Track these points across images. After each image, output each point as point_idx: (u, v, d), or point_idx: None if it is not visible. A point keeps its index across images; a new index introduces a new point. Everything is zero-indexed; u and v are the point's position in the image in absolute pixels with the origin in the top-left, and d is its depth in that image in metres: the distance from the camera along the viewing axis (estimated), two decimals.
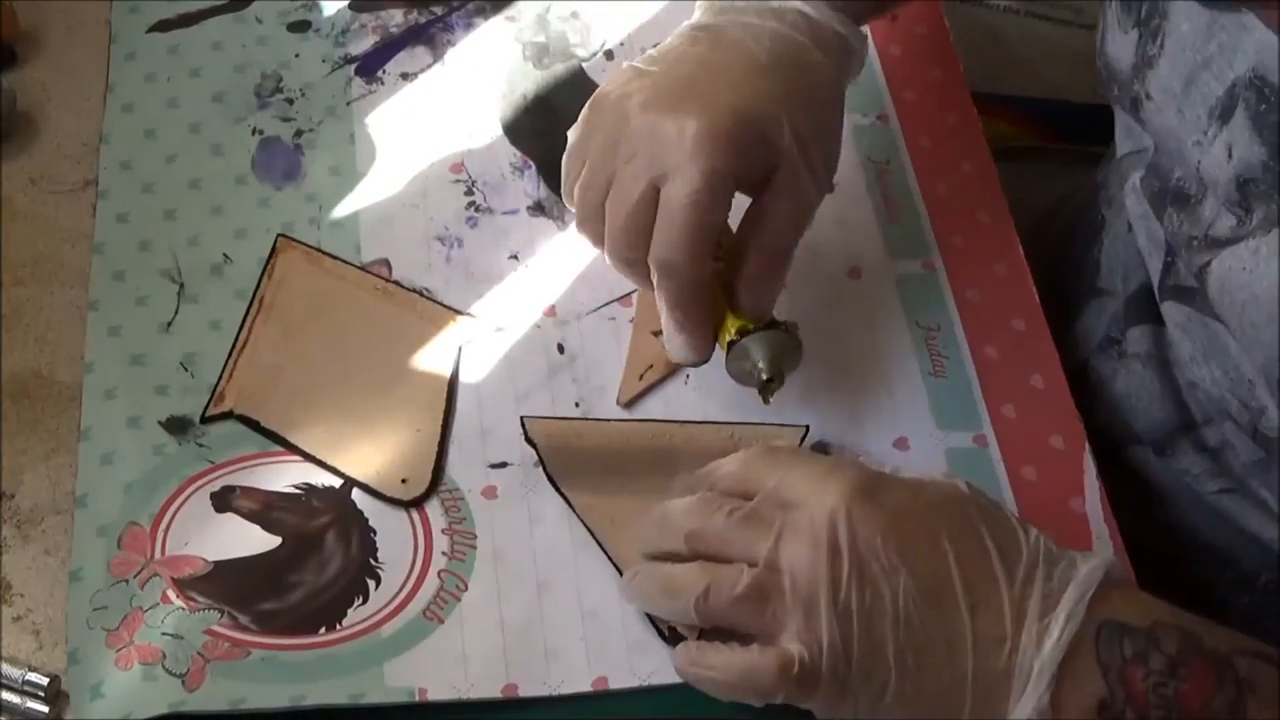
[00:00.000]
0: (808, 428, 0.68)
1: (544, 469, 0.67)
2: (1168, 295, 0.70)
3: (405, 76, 0.81)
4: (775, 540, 0.56)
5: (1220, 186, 0.62)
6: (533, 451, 0.67)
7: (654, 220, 0.62)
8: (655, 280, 0.63)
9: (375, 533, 0.65)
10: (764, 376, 0.64)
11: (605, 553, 0.64)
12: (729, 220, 0.64)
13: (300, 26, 0.82)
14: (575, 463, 0.67)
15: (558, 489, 0.66)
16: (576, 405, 0.69)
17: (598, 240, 0.65)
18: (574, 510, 0.66)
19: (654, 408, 0.69)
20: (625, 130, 0.62)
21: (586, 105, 0.66)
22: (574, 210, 0.66)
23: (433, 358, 0.70)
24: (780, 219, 0.64)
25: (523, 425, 0.68)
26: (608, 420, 0.68)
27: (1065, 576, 0.56)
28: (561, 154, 0.67)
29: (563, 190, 0.67)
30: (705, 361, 0.65)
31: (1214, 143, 0.63)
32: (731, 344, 0.64)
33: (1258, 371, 0.64)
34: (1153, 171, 0.69)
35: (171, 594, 0.62)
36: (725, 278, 0.65)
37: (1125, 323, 0.76)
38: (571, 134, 0.66)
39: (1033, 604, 0.55)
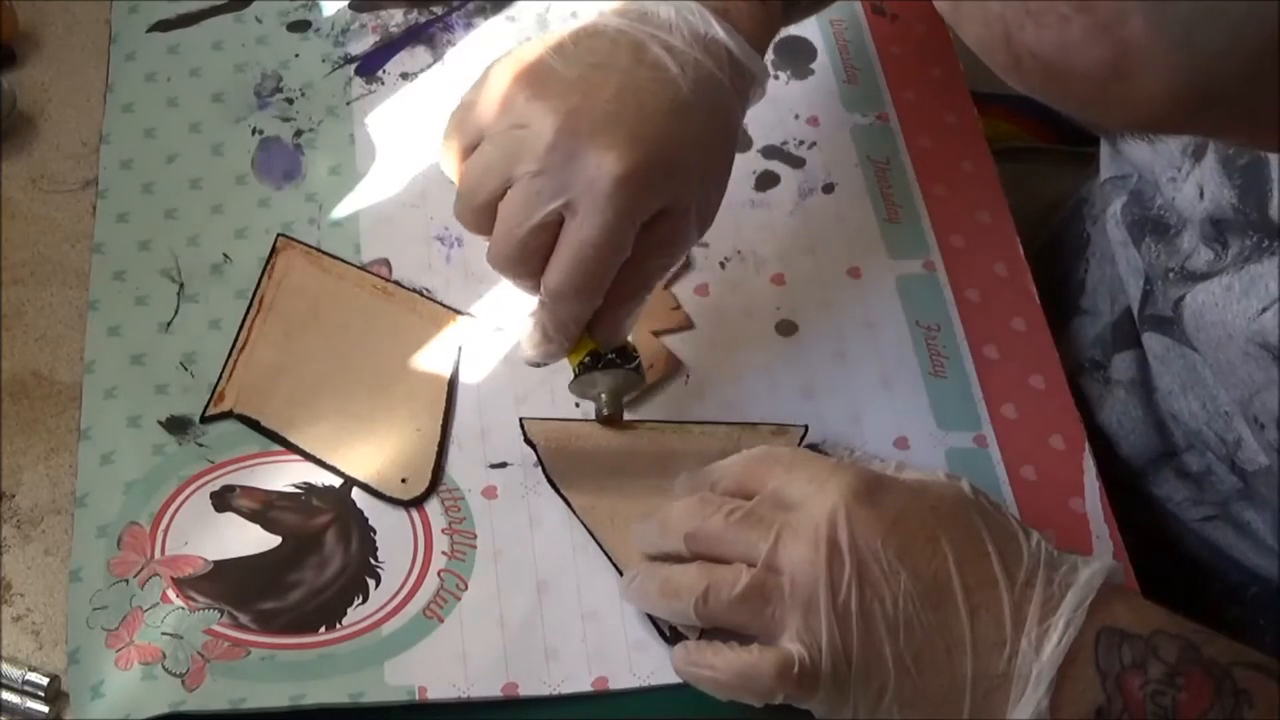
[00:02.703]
0: (807, 428, 0.68)
1: (543, 470, 0.67)
2: (1147, 325, 0.70)
3: (405, 76, 0.81)
4: (774, 541, 0.56)
5: (1195, 222, 0.62)
6: (532, 452, 0.67)
7: (551, 243, 0.60)
8: (545, 301, 0.62)
9: (375, 532, 0.65)
10: (605, 412, 0.66)
11: (605, 553, 0.64)
12: None
13: (300, 26, 0.82)
14: (574, 464, 0.67)
15: (557, 490, 0.66)
16: (577, 405, 0.69)
17: (477, 231, 0.63)
18: (573, 511, 0.66)
19: (654, 408, 0.69)
20: (535, 139, 0.59)
21: (493, 72, 0.62)
22: (454, 182, 0.63)
23: (433, 358, 0.70)
24: (658, 260, 0.63)
25: (521, 426, 0.67)
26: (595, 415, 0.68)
27: (1066, 581, 0.56)
28: None
29: (440, 153, 0.64)
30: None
31: (1187, 179, 0.63)
32: (583, 367, 0.65)
33: (1234, 405, 0.64)
34: (1135, 199, 0.69)
35: (171, 594, 0.62)
36: None
37: (1112, 347, 0.76)
38: (469, 95, 0.63)
39: (1033, 608, 0.55)
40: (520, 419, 0.68)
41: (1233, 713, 0.55)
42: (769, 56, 0.69)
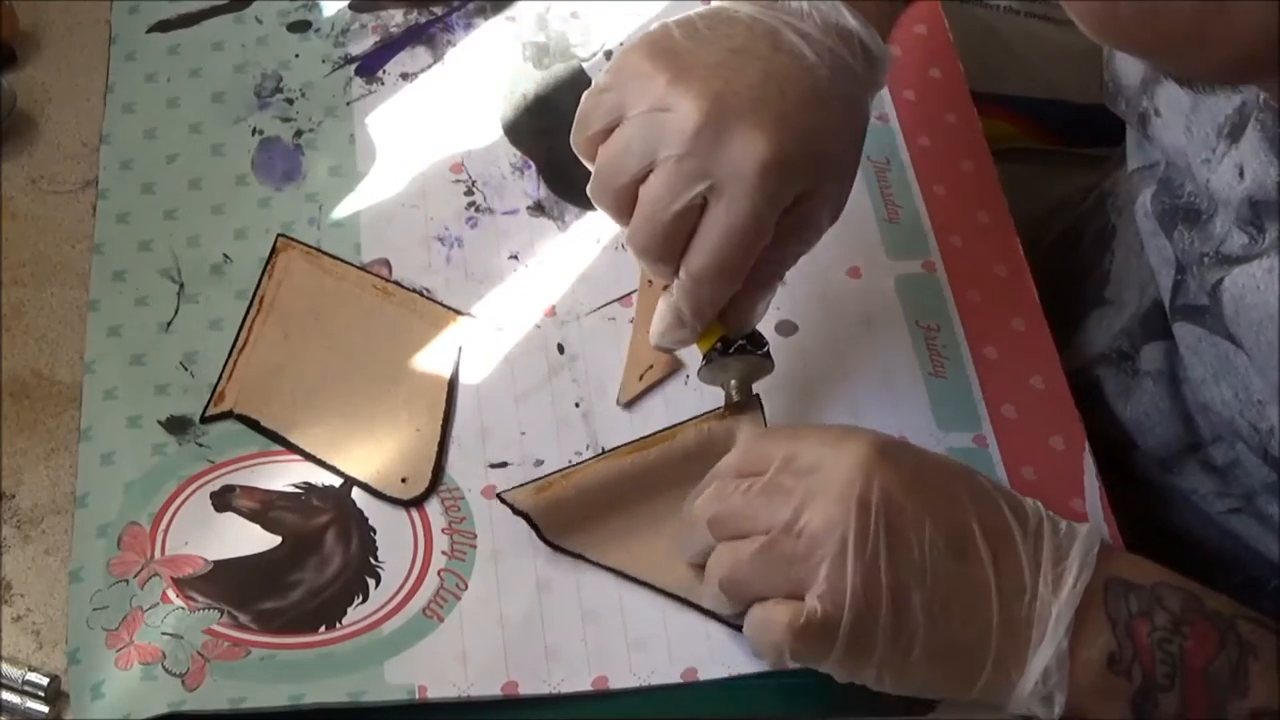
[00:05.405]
0: (759, 400, 0.66)
1: (542, 538, 0.64)
2: (1178, 315, 0.70)
3: (405, 76, 0.81)
4: (799, 504, 0.57)
5: (1231, 205, 0.62)
6: (533, 451, 0.67)
7: (693, 226, 0.60)
8: (685, 283, 0.61)
9: (375, 532, 0.65)
10: (735, 398, 0.65)
11: (653, 587, 0.63)
12: None
13: (300, 26, 0.82)
14: (569, 516, 0.65)
15: (564, 551, 0.64)
16: (576, 405, 0.69)
17: (614, 213, 0.62)
18: (594, 563, 0.64)
19: (654, 407, 0.69)
20: (680, 122, 0.58)
21: (629, 55, 0.61)
22: (590, 168, 0.62)
23: (433, 358, 0.70)
24: (791, 248, 0.64)
25: (504, 502, 0.65)
26: (579, 464, 0.66)
27: (1070, 533, 0.58)
28: (562, 154, 0.66)
29: (575, 135, 0.63)
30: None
31: (1222, 161, 0.62)
32: (712, 354, 0.64)
33: (1270, 390, 0.64)
34: (1164, 187, 0.69)
35: (171, 594, 0.62)
36: None
37: (1141, 339, 0.76)
38: (602, 79, 0.62)
39: (1045, 555, 0.57)
40: (499, 494, 0.65)
41: (1237, 665, 0.56)
42: None
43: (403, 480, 0.66)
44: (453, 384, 0.70)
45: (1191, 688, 0.56)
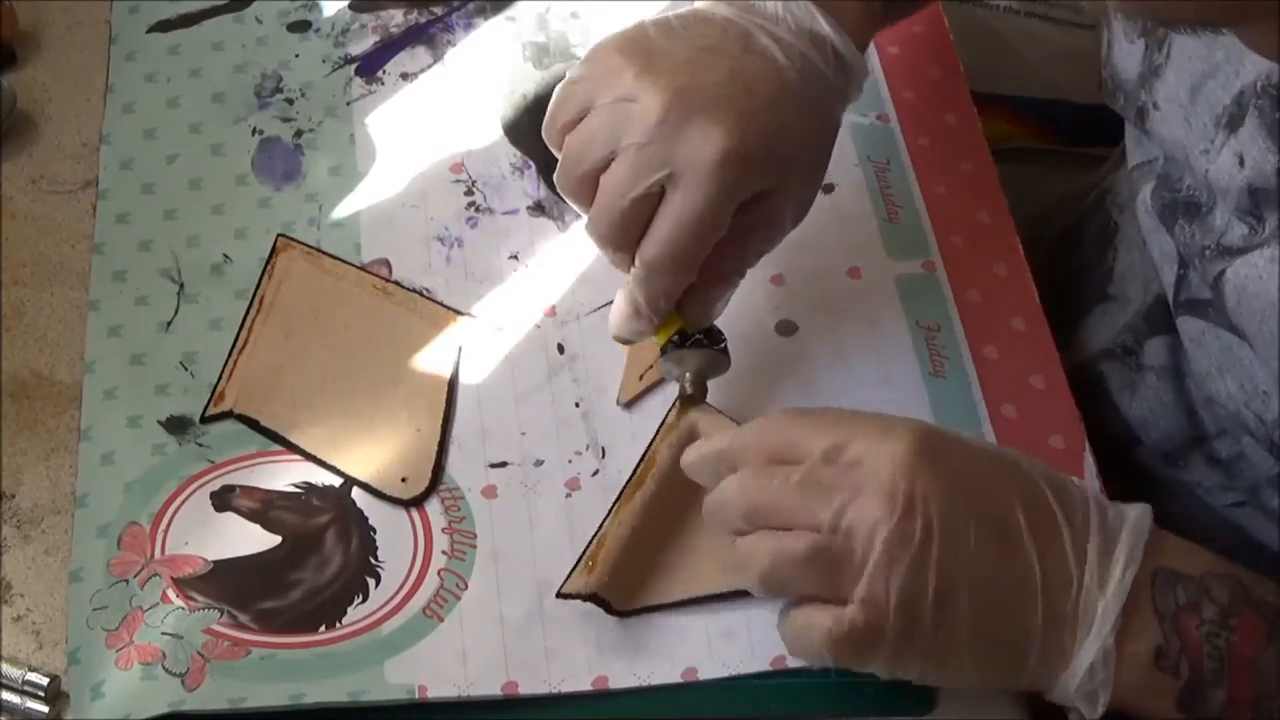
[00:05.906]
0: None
1: (612, 612, 0.63)
2: (1182, 309, 0.70)
3: (405, 76, 0.81)
4: (843, 503, 0.55)
5: (1230, 195, 0.62)
6: (533, 451, 0.67)
7: (650, 216, 0.61)
8: (639, 272, 0.62)
9: (375, 531, 0.65)
10: (689, 391, 0.65)
11: (721, 596, 0.63)
12: None
13: (300, 26, 0.82)
14: (630, 577, 0.64)
15: (637, 612, 0.63)
16: (576, 405, 0.69)
17: (577, 201, 0.63)
18: (673, 605, 0.63)
19: (654, 407, 0.69)
20: (643, 113, 0.60)
21: (602, 49, 0.63)
22: (558, 158, 0.64)
23: (433, 358, 0.70)
24: (752, 246, 0.64)
25: (568, 597, 0.63)
26: (599, 531, 0.64)
27: (1118, 520, 0.57)
28: None
29: (546, 125, 0.64)
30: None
31: (1221, 151, 0.62)
32: (668, 346, 0.65)
33: (1274, 380, 0.64)
34: (1163, 183, 0.69)
35: (171, 593, 0.62)
36: None
37: (1145, 334, 0.76)
38: (574, 72, 0.63)
39: (1092, 546, 0.56)
40: (559, 595, 0.63)
41: None
42: None
43: (403, 480, 0.66)
44: (453, 384, 0.70)
45: (1239, 681, 0.55)
